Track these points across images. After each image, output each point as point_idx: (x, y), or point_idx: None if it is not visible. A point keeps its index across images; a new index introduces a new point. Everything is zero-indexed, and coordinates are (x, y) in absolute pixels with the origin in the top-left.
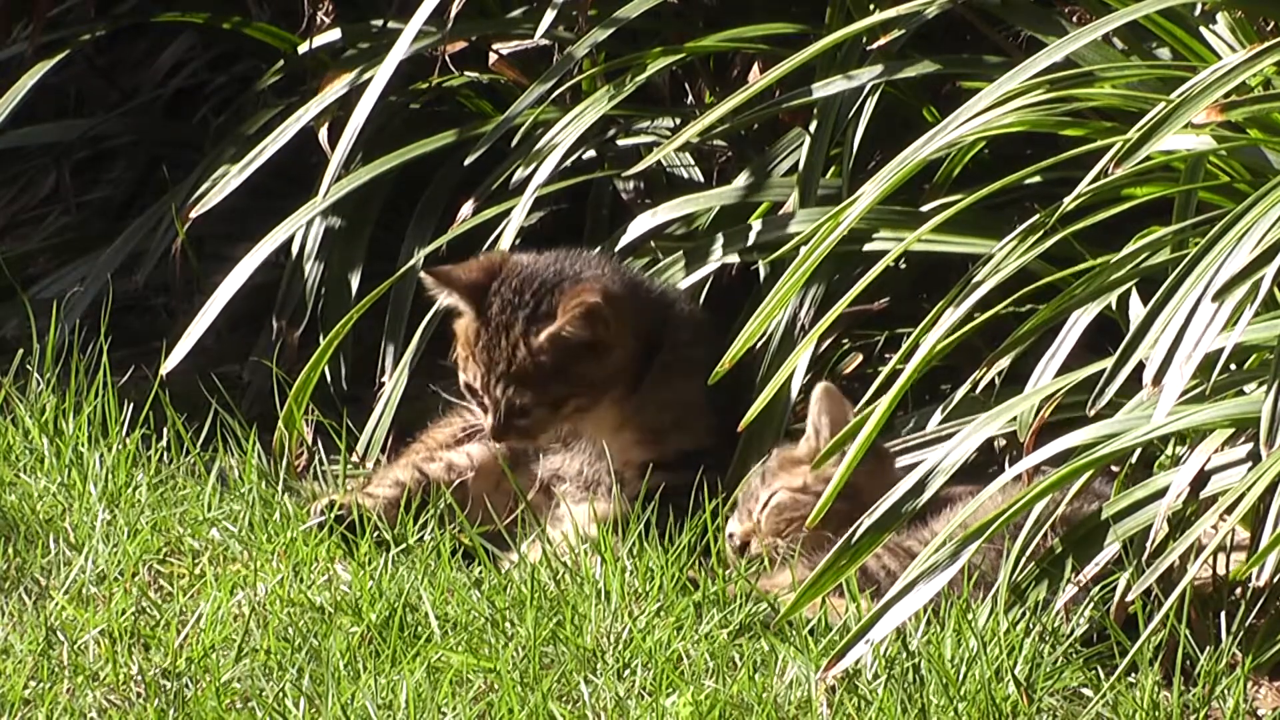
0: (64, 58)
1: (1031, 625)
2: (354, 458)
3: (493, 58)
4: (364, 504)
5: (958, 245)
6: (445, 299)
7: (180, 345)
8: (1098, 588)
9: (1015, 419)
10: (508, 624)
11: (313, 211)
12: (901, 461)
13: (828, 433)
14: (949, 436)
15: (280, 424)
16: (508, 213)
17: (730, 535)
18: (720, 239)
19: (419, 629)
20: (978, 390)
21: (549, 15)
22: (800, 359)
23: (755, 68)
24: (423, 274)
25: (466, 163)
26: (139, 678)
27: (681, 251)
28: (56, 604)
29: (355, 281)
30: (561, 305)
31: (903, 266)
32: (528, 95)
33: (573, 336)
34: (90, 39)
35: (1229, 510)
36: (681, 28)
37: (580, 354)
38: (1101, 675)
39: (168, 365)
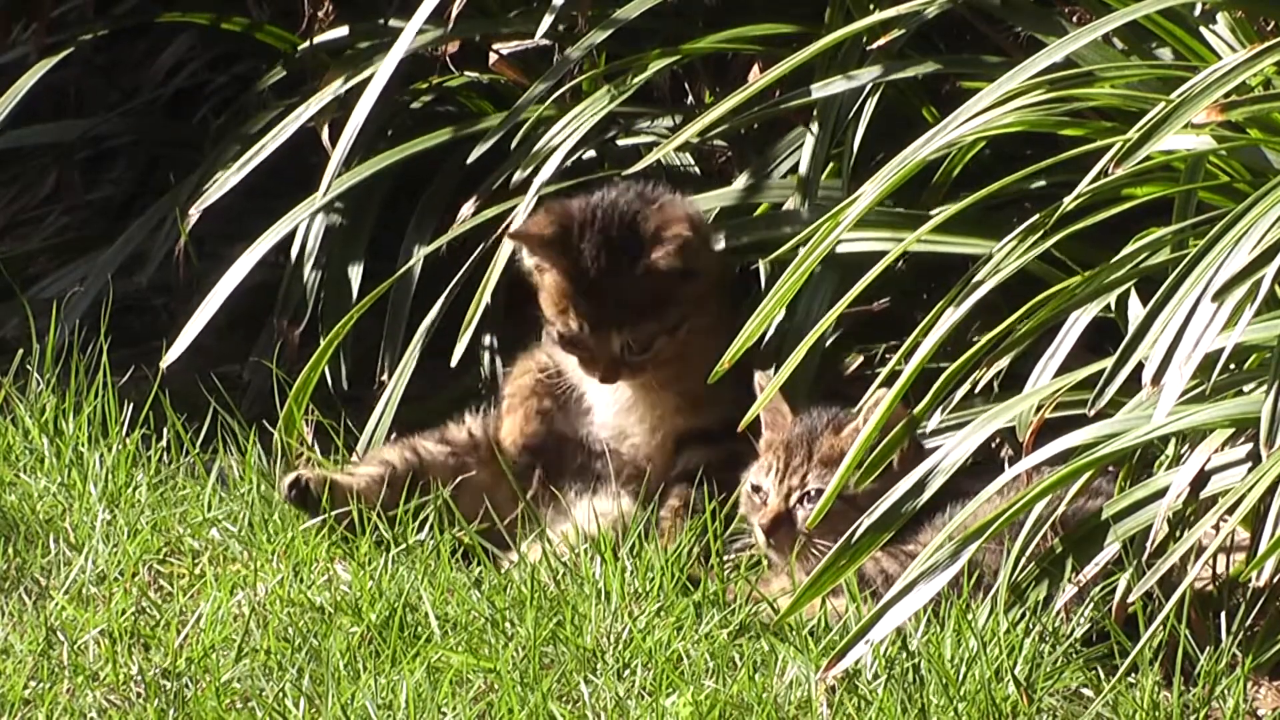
0: (64, 58)
1: (1031, 625)
2: (354, 458)
3: (493, 58)
4: (341, 482)
5: (958, 245)
6: (530, 259)
7: (181, 339)
8: (1098, 588)
9: (1015, 419)
10: (508, 624)
11: (313, 207)
12: None
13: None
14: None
15: (280, 424)
16: (509, 212)
17: (758, 491)
18: (719, 236)
19: (419, 629)
20: (977, 390)
21: (549, 16)
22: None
23: (755, 68)
24: (509, 237)
25: (469, 160)
26: (139, 678)
27: None
28: (56, 604)
29: (355, 281)
30: (658, 239)
31: (901, 266)
32: (528, 95)
33: (669, 267)
34: (90, 39)
35: (1229, 511)
36: (681, 28)
37: (676, 280)
38: (1102, 675)
39: (168, 359)
